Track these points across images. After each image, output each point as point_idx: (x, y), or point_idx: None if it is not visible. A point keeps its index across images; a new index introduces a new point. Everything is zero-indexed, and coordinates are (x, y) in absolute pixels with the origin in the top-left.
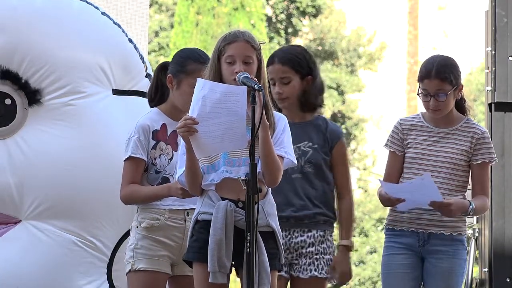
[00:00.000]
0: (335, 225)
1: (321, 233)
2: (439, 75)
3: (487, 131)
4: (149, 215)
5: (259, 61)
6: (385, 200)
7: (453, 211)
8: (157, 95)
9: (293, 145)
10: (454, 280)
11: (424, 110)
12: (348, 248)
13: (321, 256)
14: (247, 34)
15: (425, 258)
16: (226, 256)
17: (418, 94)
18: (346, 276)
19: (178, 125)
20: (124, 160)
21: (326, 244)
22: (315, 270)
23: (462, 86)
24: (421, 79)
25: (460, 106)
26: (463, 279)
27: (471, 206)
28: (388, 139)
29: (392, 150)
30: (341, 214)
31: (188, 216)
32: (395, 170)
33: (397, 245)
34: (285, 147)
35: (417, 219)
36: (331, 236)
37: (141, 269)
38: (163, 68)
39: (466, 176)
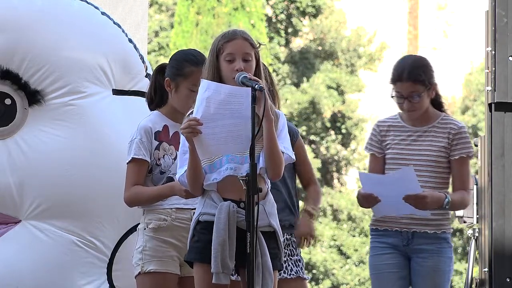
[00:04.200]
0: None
1: (288, 237)
2: (411, 77)
3: (464, 125)
4: (155, 216)
5: (257, 59)
6: (362, 199)
7: (428, 204)
8: (156, 97)
9: None
10: (441, 278)
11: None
12: (311, 214)
13: (288, 258)
14: (244, 32)
15: (411, 258)
16: (229, 257)
17: (392, 97)
18: (308, 235)
19: (182, 125)
20: (127, 163)
21: (292, 246)
22: (285, 272)
23: (436, 84)
24: (393, 81)
25: (437, 103)
26: (450, 276)
27: (446, 199)
28: (367, 141)
29: (372, 152)
30: (309, 194)
31: None
32: (377, 172)
33: (381, 245)
34: (284, 142)
35: (401, 218)
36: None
37: (151, 271)
38: (161, 70)
39: (447, 172)
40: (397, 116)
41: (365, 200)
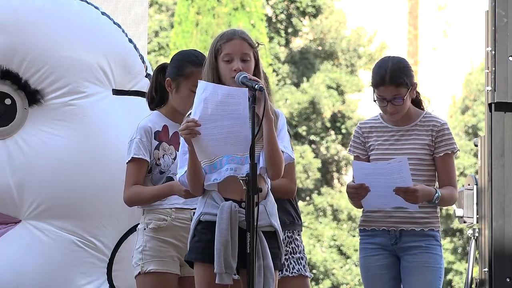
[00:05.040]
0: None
1: (289, 234)
2: (394, 80)
3: (446, 122)
4: (155, 216)
5: (256, 59)
6: (352, 190)
7: (419, 198)
8: (156, 97)
9: None
10: (431, 273)
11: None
12: None
13: (290, 256)
14: (243, 32)
15: (400, 257)
16: (232, 257)
17: (374, 101)
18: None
19: (180, 127)
20: (127, 163)
21: (295, 244)
22: (286, 270)
23: (416, 84)
24: (375, 85)
25: (417, 101)
26: (442, 274)
27: (437, 194)
28: (350, 144)
29: (355, 154)
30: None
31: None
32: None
33: (370, 246)
34: (283, 142)
35: (388, 217)
36: (299, 235)
37: (151, 271)
38: (161, 70)
39: (432, 170)
40: (378, 117)
41: (356, 191)
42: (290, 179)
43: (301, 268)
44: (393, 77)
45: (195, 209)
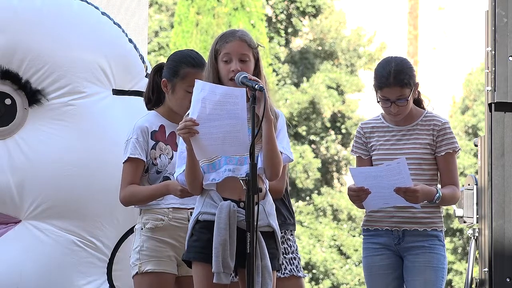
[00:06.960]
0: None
1: (281, 234)
2: (398, 82)
3: (448, 121)
4: (152, 216)
5: (257, 59)
6: (352, 193)
7: (419, 198)
8: (153, 97)
9: None
10: (432, 273)
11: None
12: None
13: (282, 257)
14: (242, 33)
15: (403, 257)
16: (230, 257)
17: (378, 102)
18: None
19: (178, 126)
20: (123, 162)
21: (287, 244)
22: (278, 271)
23: (418, 83)
24: (379, 87)
25: (418, 101)
26: (445, 274)
27: (437, 194)
28: (353, 144)
29: (357, 155)
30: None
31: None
32: None
33: (374, 246)
34: (282, 142)
35: (391, 217)
36: (291, 235)
37: (149, 271)
38: (158, 69)
39: (434, 169)
40: (380, 117)
41: (356, 194)
42: (278, 179)
43: (293, 269)
44: (397, 78)
45: (192, 208)
